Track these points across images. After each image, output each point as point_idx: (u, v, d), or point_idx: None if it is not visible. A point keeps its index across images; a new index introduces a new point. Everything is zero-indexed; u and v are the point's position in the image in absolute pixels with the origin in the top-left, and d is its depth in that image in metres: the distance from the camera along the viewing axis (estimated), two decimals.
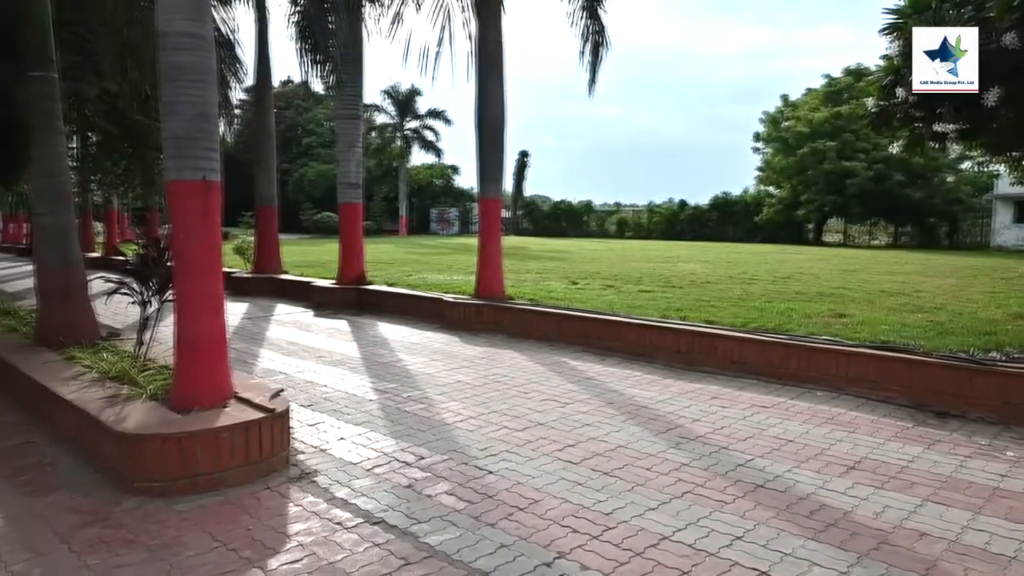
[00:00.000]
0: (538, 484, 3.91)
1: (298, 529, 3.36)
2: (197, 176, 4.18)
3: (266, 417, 4.03)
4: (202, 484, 3.79)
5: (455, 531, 3.33)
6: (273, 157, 14.27)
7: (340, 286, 11.40)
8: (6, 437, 4.76)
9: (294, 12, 10.15)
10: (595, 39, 9.91)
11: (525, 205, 46.54)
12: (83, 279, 6.52)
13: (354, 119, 11.60)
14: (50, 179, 6.30)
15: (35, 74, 6.19)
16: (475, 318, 9.11)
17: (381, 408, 5.48)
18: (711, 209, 39.12)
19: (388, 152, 45.50)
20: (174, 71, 4.16)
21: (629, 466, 4.19)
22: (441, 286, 11.53)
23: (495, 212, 9.98)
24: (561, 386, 6.19)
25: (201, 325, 4.27)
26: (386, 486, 3.89)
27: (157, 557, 3.07)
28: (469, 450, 4.49)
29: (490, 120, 9.54)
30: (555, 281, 12.78)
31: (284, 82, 52.07)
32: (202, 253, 4.25)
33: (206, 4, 4.27)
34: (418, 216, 47.38)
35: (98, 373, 5.01)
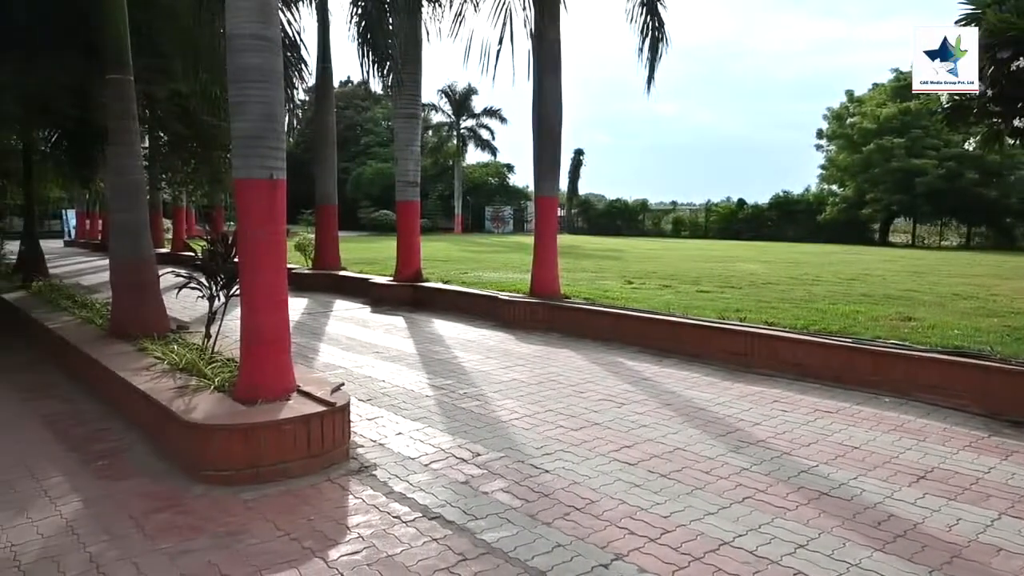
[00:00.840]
0: (594, 484, 3.89)
1: (358, 521, 3.42)
2: (264, 175, 4.29)
3: (327, 411, 4.12)
4: (265, 474, 3.89)
5: (511, 528, 3.34)
6: (334, 156, 14.57)
7: (397, 283, 11.57)
8: (84, 424, 5.00)
9: (355, 13, 10.32)
10: (654, 35, 9.77)
11: (580, 204, 46.31)
12: (154, 274, 6.78)
13: (413, 118, 11.74)
14: (125, 177, 6.57)
15: (112, 77, 6.47)
16: (530, 317, 9.11)
17: (437, 404, 5.54)
18: (771, 208, 38.14)
19: (444, 151, 45.91)
20: (242, 72, 4.28)
21: (687, 469, 4.12)
22: (496, 284, 11.57)
23: (551, 210, 9.96)
24: (617, 386, 6.14)
25: (266, 319, 4.38)
26: (443, 482, 3.93)
27: (224, 544, 3.17)
28: (525, 448, 4.49)
29: (547, 119, 9.52)
30: (610, 280, 12.67)
31: (344, 82, 53.13)
32: (267, 250, 4.37)
33: (273, 6, 4.38)
34: (472, 214, 47.65)
35: (168, 364, 5.20)
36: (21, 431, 4.86)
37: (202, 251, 5.80)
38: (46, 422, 5.05)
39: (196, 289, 5.63)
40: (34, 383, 6.22)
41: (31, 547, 3.14)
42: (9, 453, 4.39)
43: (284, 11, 8.24)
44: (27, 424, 5.02)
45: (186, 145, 12.55)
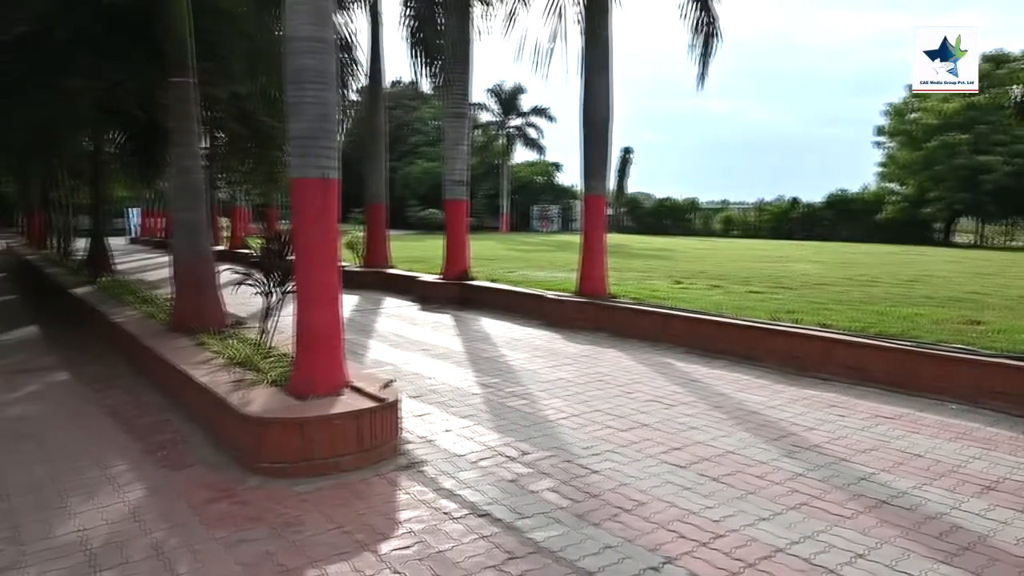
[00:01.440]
0: (643, 486, 3.85)
1: (408, 516, 3.47)
2: (318, 174, 4.38)
3: (378, 406, 4.18)
4: (318, 468, 3.97)
5: (559, 528, 3.33)
6: (383, 156, 14.77)
7: (445, 281, 11.66)
8: (146, 414, 5.19)
9: (406, 14, 10.45)
10: (707, 31, 9.62)
11: (627, 202, 45.94)
12: (213, 270, 6.99)
13: (461, 117, 11.82)
14: (187, 177, 6.79)
15: (175, 80, 6.69)
16: (577, 316, 9.08)
17: (485, 402, 5.56)
18: (826, 207, 37.17)
19: (491, 150, 46.09)
20: (298, 73, 4.38)
21: (739, 473, 4.05)
22: (543, 283, 11.56)
23: (599, 209, 9.90)
24: (666, 387, 6.07)
25: (319, 316, 4.48)
26: (491, 479, 3.95)
27: (279, 534, 3.25)
28: (572, 448, 4.48)
29: (596, 117, 9.46)
30: (659, 280, 12.53)
31: (393, 82, 53.79)
32: (321, 247, 4.46)
33: (329, 9, 4.47)
34: (519, 213, 47.71)
35: (225, 359, 5.35)
36: (89, 420, 5.07)
37: (258, 249, 5.95)
38: (111, 412, 5.26)
39: (252, 286, 5.78)
40: (100, 374, 6.48)
41: (99, 532, 3.28)
42: (78, 441, 4.58)
43: (339, 13, 8.40)
44: (94, 414, 5.23)
45: (243, 145, 12.89)
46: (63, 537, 3.23)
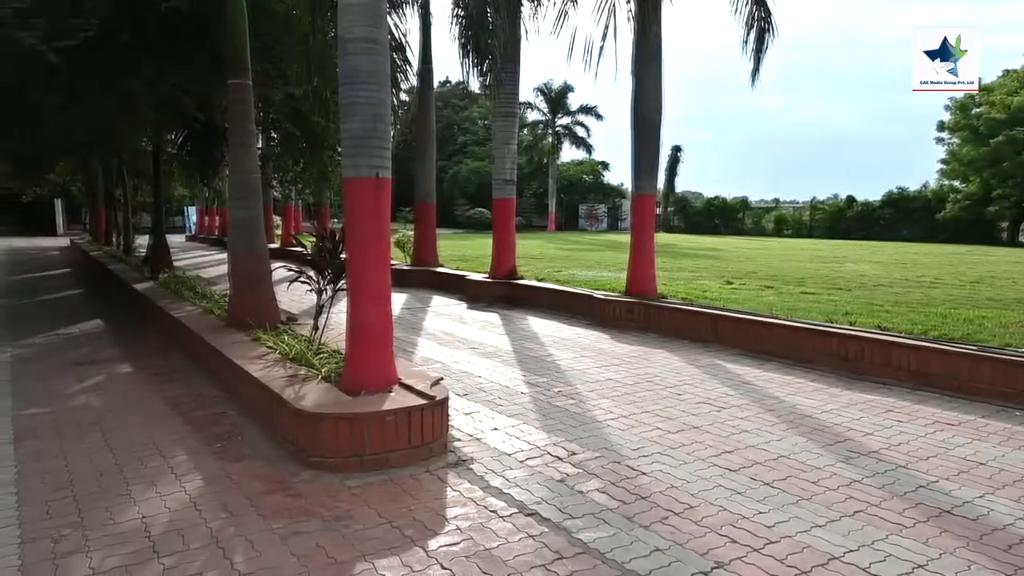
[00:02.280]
0: (694, 489, 3.79)
1: (456, 514, 3.49)
2: (371, 173, 4.44)
3: (427, 404, 4.22)
4: (368, 463, 4.03)
5: (608, 529, 3.31)
6: (433, 155, 14.90)
7: (492, 280, 11.70)
8: (204, 407, 5.35)
9: (456, 14, 10.51)
10: (760, 26, 9.42)
11: (677, 201, 45.35)
12: (268, 268, 7.16)
13: (510, 117, 11.83)
14: (244, 176, 6.97)
15: (233, 82, 6.87)
16: (626, 316, 9.00)
17: (533, 401, 5.56)
18: (883, 206, 35.98)
19: (539, 148, 46.06)
20: (352, 74, 4.45)
21: (792, 478, 3.96)
22: (591, 283, 11.50)
23: (648, 209, 9.79)
24: (716, 389, 5.97)
25: (370, 313, 4.54)
26: (539, 479, 3.94)
27: (331, 528, 3.31)
28: (621, 449, 4.44)
29: (646, 115, 9.36)
30: (709, 280, 12.34)
31: (442, 82, 54.24)
32: (373, 246, 4.52)
33: (382, 10, 4.52)
34: (566, 212, 47.57)
35: (279, 354, 5.48)
36: (150, 412, 5.25)
37: (311, 247, 6.07)
38: (171, 404, 5.44)
39: (305, 283, 5.90)
40: (161, 367, 6.71)
41: (160, 519, 3.39)
42: (140, 431, 4.75)
43: (391, 14, 8.50)
44: (155, 405, 5.42)
45: (297, 145, 13.17)
46: (126, 523, 3.35)
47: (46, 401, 5.52)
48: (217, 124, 10.51)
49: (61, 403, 5.47)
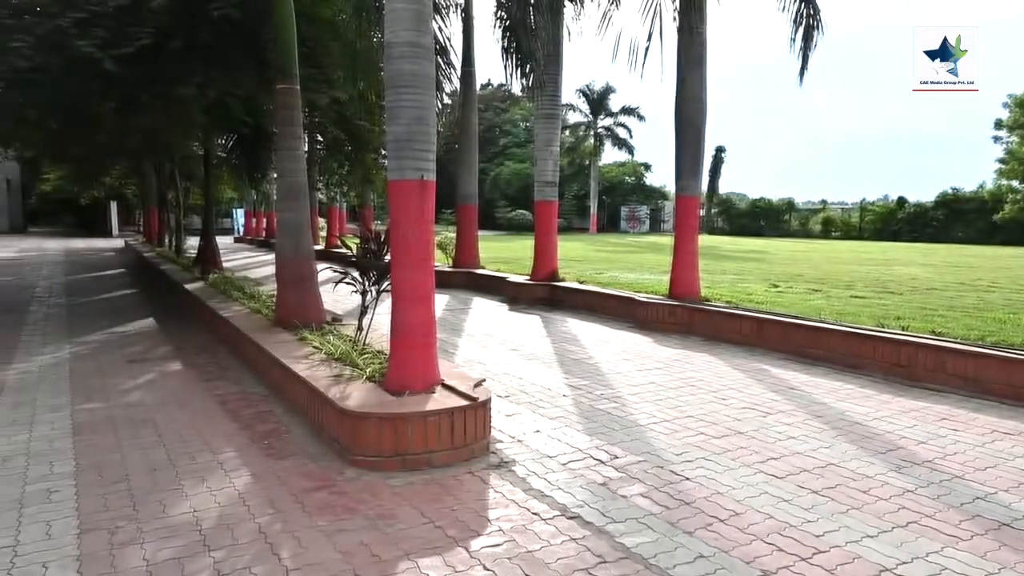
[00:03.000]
0: (739, 496, 3.73)
1: (498, 515, 3.50)
2: (416, 176, 4.49)
3: (470, 405, 4.24)
4: (411, 463, 4.07)
5: (651, 535, 3.27)
6: (475, 157, 14.98)
7: (533, 282, 11.70)
8: (252, 405, 5.46)
9: (499, 17, 10.55)
10: (808, 23, 9.22)
11: (720, 203, 44.75)
12: (313, 269, 7.29)
13: (552, 119, 11.82)
14: (290, 179, 7.11)
15: (281, 87, 7.01)
16: (668, 319, 8.91)
17: (574, 404, 5.54)
18: (936, 207, 34.91)
19: (580, 150, 45.96)
20: (397, 78, 4.50)
21: (842, 486, 3.86)
22: (632, 285, 11.42)
23: (691, 210, 9.68)
24: (761, 394, 5.86)
25: (414, 314, 4.58)
26: (581, 482, 3.93)
27: (374, 526, 3.35)
28: (664, 453, 4.40)
29: (690, 116, 9.25)
30: (754, 283, 12.13)
31: (483, 85, 54.53)
32: (417, 248, 4.57)
33: (427, 15, 4.57)
34: (608, 214, 47.34)
35: (325, 354, 5.57)
36: (200, 408, 5.38)
37: (356, 248, 6.15)
38: (220, 401, 5.57)
39: (350, 284, 5.98)
40: (210, 365, 6.88)
41: (210, 513, 3.48)
42: (191, 427, 4.88)
43: (435, 18, 8.58)
44: (205, 403, 5.56)
45: (342, 148, 13.39)
46: (178, 517, 3.45)
47: (103, 396, 5.71)
48: (265, 128, 10.75)
49: (117, 399, 5.65)
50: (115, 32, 7.84)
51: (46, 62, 7.81)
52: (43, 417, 5.11)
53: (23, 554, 3.06)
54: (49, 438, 4.63)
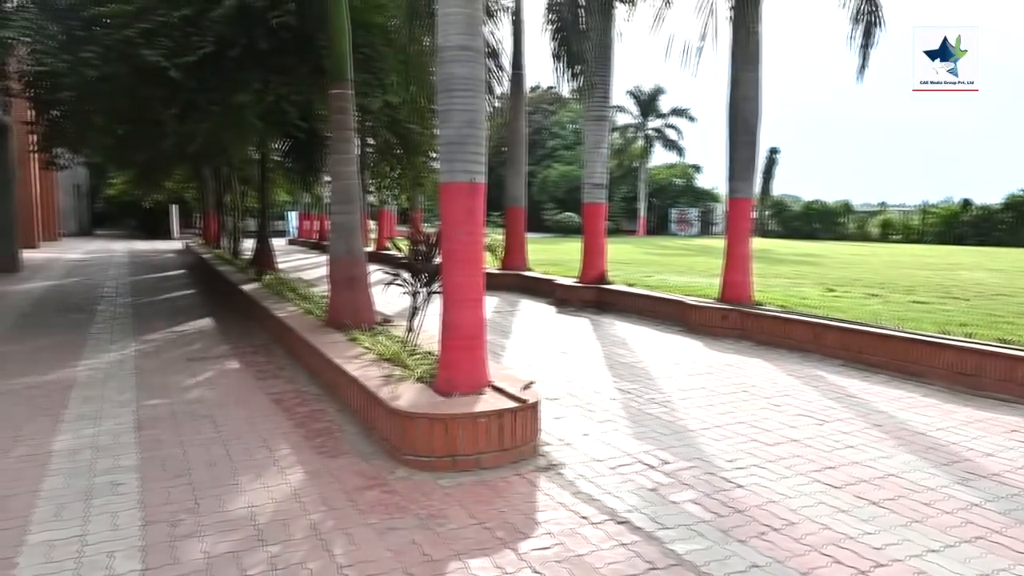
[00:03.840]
0: (793, 505, 3.64)
1: (547, 518, 3.49)
2: (466, 179, 4.52)
3: (519, 407, 4.24)
4: (460, 464, 4.10)
5: (703, 542, 3.22)
6: (524, 160, 15.02)
7: (582, 284, 11.65)
8: (305, 404, 5.58)
9: (549, 19, 10.55)
10: (868, 20, 8.96)
11: (773, 205, 43.75)
12: (365, 270, 7.41)
13: (602, 120, 11.77)
14: (343, 181, 7.24)
15: (335, 92, 7.16)
16: (720, 323, 8.76)
17: (623, 407, 5.50)
18: (1004, 209, 33.39)
19: (629, 152, 45.57)
20: (449, 81, 4.54)
21: (903, 498, 3.73)
22: (682, 288, 11.26)
23: (744, 213, 9.49)
24: (817, 401, 5.71)
25: (464, 316, 4.62)
26: (630, 486, 3.89)
27: (425, 525, 3.38)
28: (715, 460, 4.32)
29: (743, 116, 9.09)
30: (808, 287, 11.84)
31: (532, 88, 54.60)
32: (467, 250, 4.60)
33: (479, 19, 4.60)
34: (657, 216, 46.82)
35: (375, 354, 5.65)
36: (256, 406, 5.53)
37: (407, 250, 6.23)
38: (275, 399, 5.71)
39: (401, 286, 6.06)
40: (265, 364, 7.06)
41: (265, 509, 3.57)
42: (247, 424, 5.02)
43: (486, 21, 8.64)
44: (260, 400, 5.70)
45: (392, 152, 13.58)
46: (235, 511, 3.54)
47: (164, 393, 5.92)
48: (318, 132, 10.99)
49: (178, 395, 5.85)
50: (178, 41, 8.12)
51: (114, 71, 8.14)
52: (110, 412, 5.32)
53: (91, 543, 3.19)
54: (115, 432, 4.82)
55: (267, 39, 8.53)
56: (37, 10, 8.90)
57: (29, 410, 5.37)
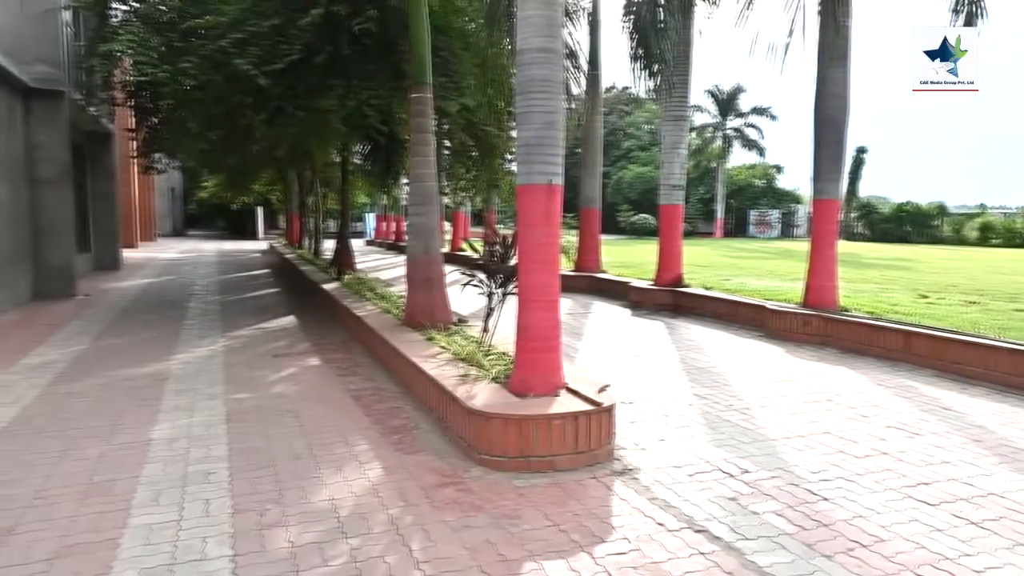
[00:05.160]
0: (884, 521, 3.47)
1: (622, 523, 3.45)
2: (543, 180, 4.53)
3: (594, 410, 4.21)
4: (534, 465, 4.10)
5: (786, 555, 3.11)
6: (599, 161, 14.91)
7: (657, 287, 11.47)
8: (383, 401, 5.71)
9: (626, 19, 10.44)
10: (968, 10, 8.46)
11: (860, 207, 41.89)
12: (442, 271, 7.52)
13: (681, 121, 11.55)
14: (422, 183, 7.38)
15: (415, 96, 7.30)
16: (802, 329, 8.45)
17: (700, 413, 5.38)
18: None
19: (707, 152, 44.60)
20: (528, 84, 4.56)
21: (1005, 519, 3.50)
22: (762, 292, 10.93)
23: (830, 215, 9.12)
24: (909, 413, 5.43)
25: (539, 318, 4.62)
26: (708, 495, 3.80)
27: (499, 525, 3.40)
28: (798, 470, 4.17)
29: (830, 114, 8.74)
30: (899, 293, 11.28)
31: (607, 88, 54.17)
32: (544, 251, 4.60)
33: (559, 20, 4.60)
34: (735, 218, 45.62)
35: (451, 354, 5.73)
36: (336, 402, 5.70)
37: (483, 251, 6.29)
38: (354, 396, 5.87)
39: (477, 287, 6.12)
40: (344, 361, 7.26)
41: (346, 502, 3.67)
42: (328, 420, 5.17)
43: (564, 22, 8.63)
44: (340, 396, 5.87)
45: (468, 154, 13.75)
46: (318, 503, 3.66)
47: (251, 387, 6.17)
48: (397, 136, 11.23)
49: (263, 390, 6.09)
50: (267, 50, 8.47)
51: (209, 80, 8.57)
52: (201, 404, 5.59)
53: (186, 528, 3.36)
54: (207, 423, 5.07)
55: (350, 46, 8.79)
56: (140, 24, 9.45)
57: (129, 400, 5.71)
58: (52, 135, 12.26)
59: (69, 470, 4.13)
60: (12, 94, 11.28)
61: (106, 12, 10.06)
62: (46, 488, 3.86)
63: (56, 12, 11.82)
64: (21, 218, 11.55)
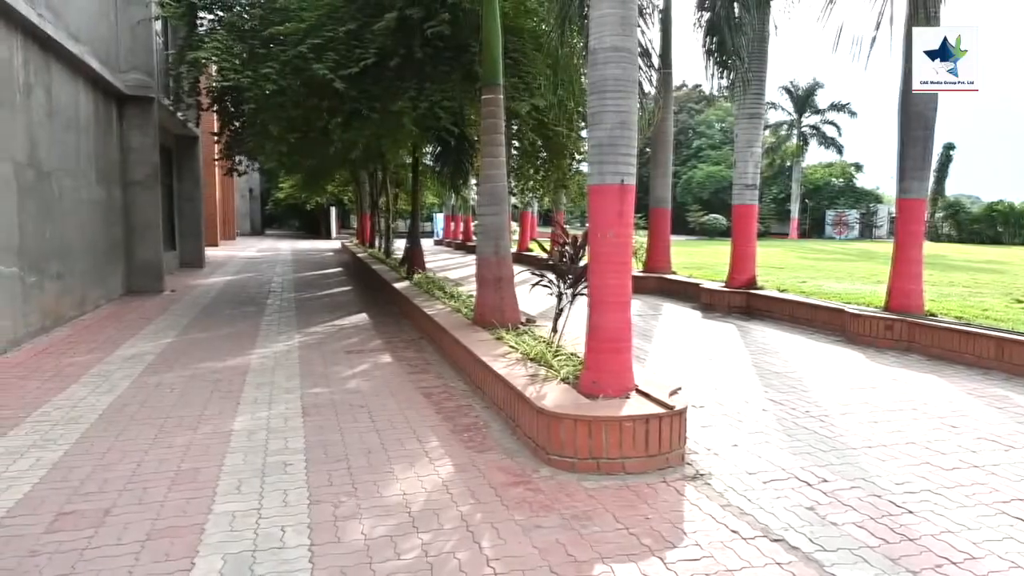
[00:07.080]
0: (975, 537, 3.29)
1: (694, 529, 3.39)
2: (616, 180, 4.49)
3: (665, 413, 4.16)
4: (604, 467, 4.08)
5: (868, 569, 2.99)
6: (669, 160, 14.67)
7: (729, 289, 11.21)
8: (454, 399, 5.79)
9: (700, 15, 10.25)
10: None
11: (947, 207, 39.81)
12: (511, 270, 7.56)
13: (756, 118, 11.25)
14: (492, 184, 7.43)
15: (486, 96, 7.36)
16: (884, 334, 8.10)
17: (776, 419, 5.22)
18: None
19: (782, 151, 43.33)
20: (601, 83, 4.53)
21: None
22: (840, 295, 10.53)
23: (916, 215, 8.71)
24: (1003, 425, 5.13)
25: (610, 319, 4.59)
26: (785, 503, 3.69)
27: (569, 526, 3.39)
28: (880, 481, 4.00)
29: (918, 110, 8.33)
30: (990, 297, 10.67)
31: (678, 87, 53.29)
32: (615, 252, 4.57)
33: (633, 19, 4.55)
34: (811, 218, 44.13)
35: (520, 354, 5.75)
36: (407, 398, 5.80)
37: (553, 252, 6.28)
38: (425, 393, 5.97)
39: (547, 287, 6.13)
40: (416, 359, 7.39)
41: (417, 498, 3.74)
42: (400, 416, 5.28)
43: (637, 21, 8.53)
44: (411, 393, 5.98)
45: (537, 154, 13.76)
46: (390, 498, 3.74)
47: (325, 382, 6.36)
48: (467, 137, 11.35)
49: (337, 385, 6.26)
50: (343, 54, 8.71)
51: (288, 84, 8.88)
52: (279, 398, 5.79)
53: (266, 517, 3.49)
54: (284, 416, 5.25)
55: (423, 48, 8.94)
56: (224, 32, 9.88)
57: (212, 392, 5.97)
58: (143, 139, 12.96)
59: (159, 456, 4.35)
60: (108, 101, 11.97)
61: (194, 21, 10.56)
62: (139, 473, 4.08)
63: (148, 23, 12.49)
64: (116, 218, 12.25)
